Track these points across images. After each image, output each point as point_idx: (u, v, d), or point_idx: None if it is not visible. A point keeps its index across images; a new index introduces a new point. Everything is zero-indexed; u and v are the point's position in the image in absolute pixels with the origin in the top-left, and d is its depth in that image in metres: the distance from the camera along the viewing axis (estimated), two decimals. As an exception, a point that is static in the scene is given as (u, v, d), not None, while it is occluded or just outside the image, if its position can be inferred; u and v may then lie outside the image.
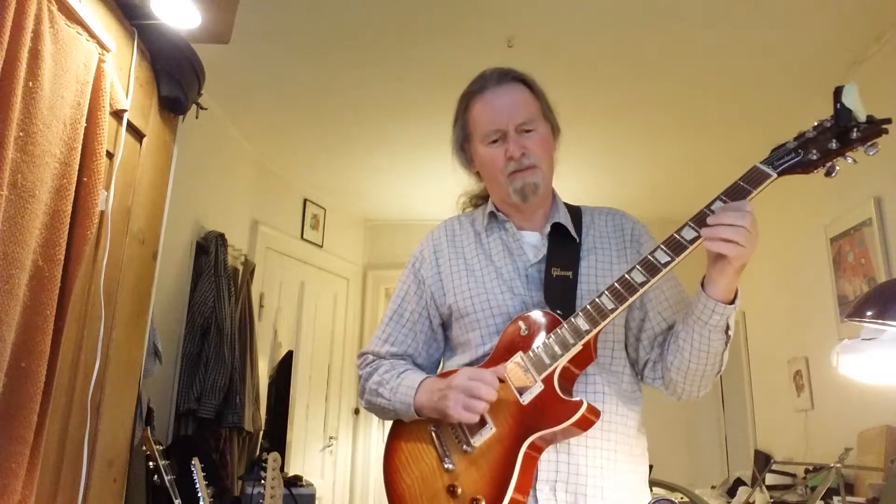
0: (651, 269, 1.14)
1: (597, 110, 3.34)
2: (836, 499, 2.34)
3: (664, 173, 4.13)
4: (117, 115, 1.58)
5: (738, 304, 1.17)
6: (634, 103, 3.30)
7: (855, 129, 1.09)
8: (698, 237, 1.12)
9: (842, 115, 1.09)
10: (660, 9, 2.58)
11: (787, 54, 2.83)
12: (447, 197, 1.61)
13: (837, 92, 1.10)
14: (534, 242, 1.37)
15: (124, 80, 1.62)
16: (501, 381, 1.21)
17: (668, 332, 1.30)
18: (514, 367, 1.21)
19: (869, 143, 1.09)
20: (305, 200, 4.50)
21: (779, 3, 2.51)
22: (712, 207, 1.12)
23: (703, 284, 1.16)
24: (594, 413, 1.16)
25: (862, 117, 1.09)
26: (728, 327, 1.18)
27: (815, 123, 1.14)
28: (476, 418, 1.18)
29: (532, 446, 1.17)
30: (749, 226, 1.08)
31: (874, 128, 1.09)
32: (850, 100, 1.09)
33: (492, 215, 1.41)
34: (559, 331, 1.19)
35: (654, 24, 2.67)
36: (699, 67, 2.97)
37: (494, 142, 1.33)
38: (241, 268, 3.56)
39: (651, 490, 1.36)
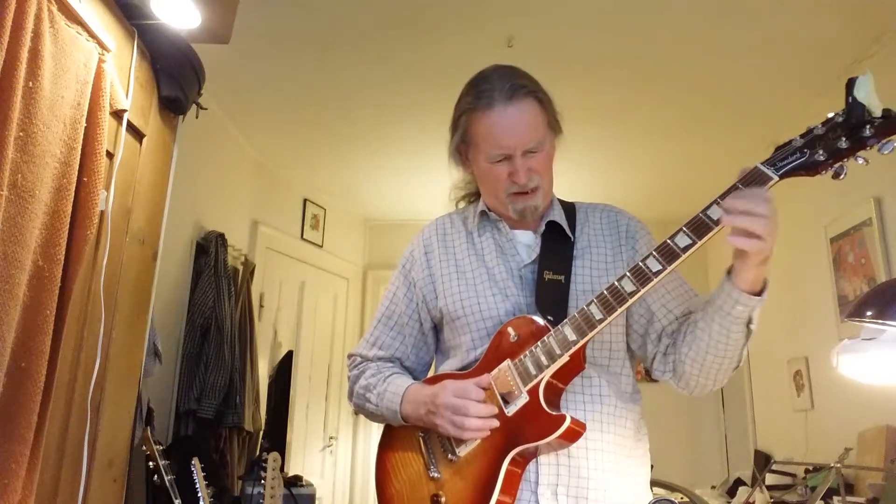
0: (642, 278, 1.08)
1: (597, 110, 3.34)
2: (836, 499, 2.34)
3: (664, 173, 4.13)
4: (117, 115, 1.58)
5: (765, 297, 1.09)
6: (634, 103, 3.30)
7: (868, 126, 0.97)
8: (692, 244, 1.05)
9: (854, 109, 0.97)
10: (660, 9, 2.58)
11: (787, 54, 2.83)
12: (447, 197, 1.60)
13: (850, 84, 0.98)
14: (527, 242, 1.34)
15: (124, 80, 1.61)
16: (486, 389, 1.18)
17: (677, 323, 1.25)
18: (501, 376, 1.18)
19: (885, 140, 0.97)
20: (305, 200, 4.50)
21: (779, 2, 2.51)
22: (708, 213, 1.05)
23: (728, 271, 1.10)
24: (580, 426, 1.13)
25: (877, 112, 0.97)
26: (751, 320, 1.11)
27: (826, 118, 1.02)
28: (469, 435, 1.16)
29: (514, 462, 1.15)
30: (770, 213, 0.99)
31: (891, 123, 0.97)
32: (864, 93, 0.97)
33: (483, 214, 1.37)
34: (547, 339, 1.15)
35: (655, 23, 2.67)
36: (699, 67, 2.97)
37: (498, 161, 1.26)
38: (241, 268, 3.55)
39: (651, 490, 1.35)
